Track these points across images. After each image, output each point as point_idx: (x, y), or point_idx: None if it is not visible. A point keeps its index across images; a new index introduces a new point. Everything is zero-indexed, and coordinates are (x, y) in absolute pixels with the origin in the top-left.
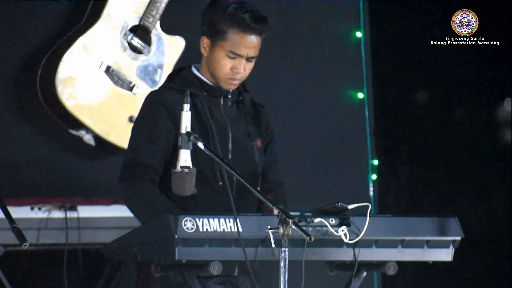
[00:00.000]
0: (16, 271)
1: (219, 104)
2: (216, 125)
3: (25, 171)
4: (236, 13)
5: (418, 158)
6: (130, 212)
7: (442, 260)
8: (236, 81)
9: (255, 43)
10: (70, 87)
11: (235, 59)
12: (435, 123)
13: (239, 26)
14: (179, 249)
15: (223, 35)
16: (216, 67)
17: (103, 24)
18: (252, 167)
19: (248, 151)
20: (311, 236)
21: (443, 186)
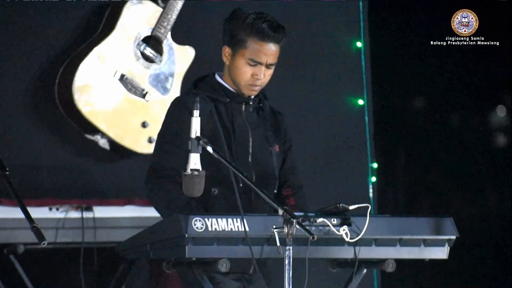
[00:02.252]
0: (35, 268)
1: (241, 110)
2: (238, 129)
3: (44, 173)
4: (255, 22)
5: (415, 161)
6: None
7: (438, 258)
8: (257, 87)
9: (274, 50)
10: (86, 94)
11: (255, 66)
12: (431, 129)
13: (258, 35)
14: (189, 247)
15: (243, 44)
16: (238, 74)
17: (118, 35)
18: (270, 170)
19: (267, 155)
20: (314, 235)
21: (439, 188)
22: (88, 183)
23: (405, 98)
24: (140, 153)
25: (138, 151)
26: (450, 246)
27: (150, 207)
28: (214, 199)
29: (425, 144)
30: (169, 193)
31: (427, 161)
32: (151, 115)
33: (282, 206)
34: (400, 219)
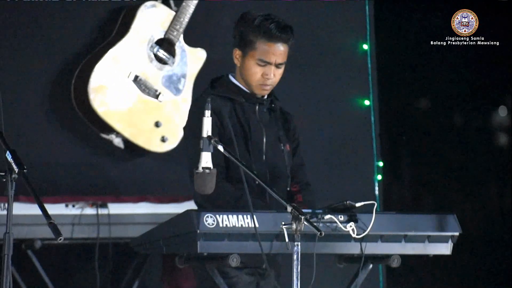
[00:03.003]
0: (51, 263)
1: (255, 110)
2: (253, 129)
3: (60, 171)
4: (263, 24)
5: (419, 160)
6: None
7: (441, 254)
8: (267, 86)
9: (282, 50)
10: (101, 95)
11: (265, 66)
12: (435, 128)
13: (266, 35)
14: (201, 242)
15: (252, 45)
16: (248, 75)
17: (132, 37)
18: (283, 169)
19: (279, 154)
20: (321, 232)
21: (443, 185)
22: (103, 180)
23: (410, 99)
24: (153, 151)
25: (152, 150)
26: (454, 242)
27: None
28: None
29: (429, 143)
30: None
31: (431, 159)
32: (164, 115)
33: (290, 203)
34: (405, 216)
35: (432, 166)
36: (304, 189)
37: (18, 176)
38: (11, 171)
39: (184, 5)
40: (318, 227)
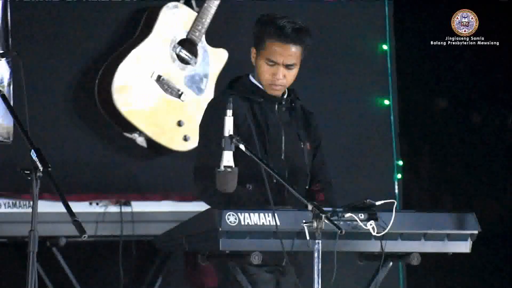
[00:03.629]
0: (76, 260)
1: (274, 110)
2: (272, 128)
3: (84, 170)
4: (275, 24)
5: (439, 159)
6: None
7: (460, 252)
8: (277, 86)
9: (292, 51)
10: (124, 95)
11: (273, 66)
12: (454, 127)
13: (275, 35)
14: (223, 240)
15: (263, 44)
16: (259, 74)
17: (154, 38)
18: (302, 167)
19: (299, 152)
20: (342, 230)
21: (462, 184)
22: (126, 179)
23: (429, 98)
24: (176, 150)
25: (174, 149)
26: (473, 240)
27: (186, 202)
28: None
29: (448, 142)
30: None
31: (450, 158)
32: (186, 114)
33: (311, 202)
34: (424, 215)
35: (451, 165)
36: (325, 188)
37: (43, 174)
38: (36, 170)
39: (206, 6)
40: (339, 225)
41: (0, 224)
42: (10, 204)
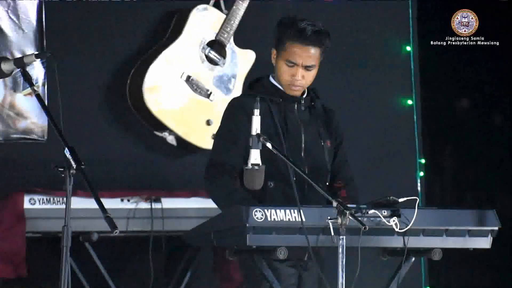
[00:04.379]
0: (107, 254)
1: (294, 109)
2: (291, 127)
3: (116, 167)
4: (295, 26)
5: (460, 157)
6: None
7: (481, 248)
8: (296, 87)
9: (311, 53)
10: (155, 95)
11: (293, 67)
12: (475, 127)
13: (295, 37)
14: (250, 236)
15: (283, 45)
16: (279, 75)
17: (184, 39)
18: (322, 164)
19: (319, 150)
20: (366, 226)
21: (483, 182)
22: (156, 176)
23: (451, 98)
24: (205, 148)
25: (203, 147)
26: (493, 236)
27: None
28: (271, 192)
29: (469, 141)
30: (227, 189)
31: (471, 157)
32: (214, 113)
33: (336, 199)
34: (446, 211)
35: (473, 163)
36: (347, 184)
37: (76, 172)
38: (69, 167)
39: (234, 8)
40: (363, 221)
41: (35, 220)
42: (44, 200)
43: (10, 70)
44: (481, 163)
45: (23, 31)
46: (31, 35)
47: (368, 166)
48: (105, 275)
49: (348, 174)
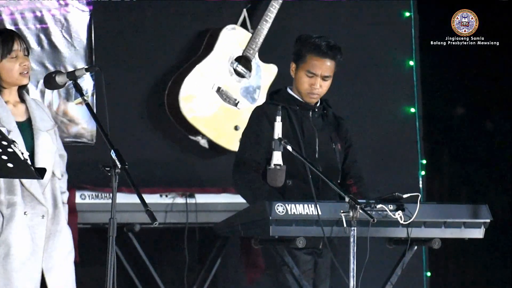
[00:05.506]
0: (148, 244)
1: (309, 116)
2: (307, 132)
3: (155, 167)
4: (314, 42)
5: (457, 158)
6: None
7: (475, 237)
8: (314, 95)
9: (328, 65)
10: (189, 103)
11: (312, 77)
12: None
13: (315, 51)
14: (273, 227)
15: (304, 59)
16: (299, 84)
17: (215, 55)
18: (334, 164)
19: (331, 152)
20: (374, 218)
21: (477, 180)
22: (191, 175)
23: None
24: (233, 151)
25: (231, 149)
26: (486, 228)
27: None
28: (289, 189)
29: (465, 144)
30: (254, 183)
31: (466, 158)
32: (242, 120)
33: (348, 195)
34: (444, 206)
35: (468, 163)
36: (358, 181)
37: (121, 171)
38: (115, 167)
39: (259, 28)
40: (371, 214)
41: (85, 213)
42: (93, 196)
43: (64, 82)
44: (475, 163)
45: (75, 48)
46: (82, 52)
47: (376, 166)
48: (146, 261)
49: (358, 173)
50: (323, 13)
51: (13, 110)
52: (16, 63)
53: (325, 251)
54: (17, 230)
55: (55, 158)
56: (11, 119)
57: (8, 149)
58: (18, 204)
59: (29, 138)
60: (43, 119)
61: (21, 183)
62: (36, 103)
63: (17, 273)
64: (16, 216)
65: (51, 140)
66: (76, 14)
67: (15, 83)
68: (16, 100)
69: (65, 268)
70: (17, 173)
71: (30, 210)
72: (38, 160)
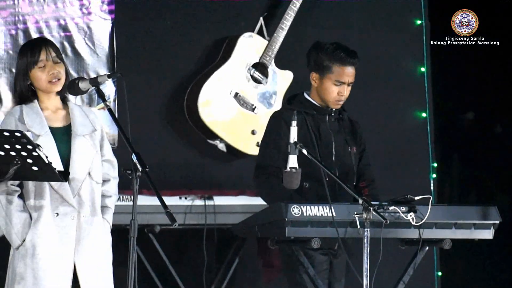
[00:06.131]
0: (168, 244)
1: (325, 120)
2: (323, 135)
3: (175, 170)
4: (335, 52)
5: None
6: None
7: (485, 238)
8: (341, 101)
9: (352, 72)
10: (208, 108)
11: (340, 86)
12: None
13: (340, 61)
14: (289, 228)
15: (329, 69)
16: (327, 94)
17: (233, 62)
18: (349, 167)
19: (347, 155)
20: (387, 220)
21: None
22: (209, 177)
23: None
24: (250, 154)
25: (249, 153)
26: (495, 229)
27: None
28: (306, 191)
29: (474, 147)
30: (275, 187)
31: (476, 161)
32: (258, 124)
33: (361, 197)
34: (455, 208)
35: (477, 166)
36: (370, 184)
37: (142, 174)
38: (136, 170)
39: (275, 36)
40: (384, 216)
41: None
42: None
43: (87, 88)
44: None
45: (97, 55)
46: (104, 59)
47: (389, 169)
48: (166, 261)
49: (371, 176)
50: (336, 22)
51: (50, 116)
52: (44, 72)
53: (340, 251)
54: (43, 231)
55: (95, 162)
56: (44, 124)
57: (33, 153)
58: (45, 206)
59: (66, 142)
60: (84, 124)
61: (50, 186)
62: (80, 109)
63: (44, 272)
64: (42, 217)
65: (89, 145)
66: (98, 23)
67: (46, 91)
68: (57, 107)
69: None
70: (42, 176)
71: (60, 212)
72: (73, 164)
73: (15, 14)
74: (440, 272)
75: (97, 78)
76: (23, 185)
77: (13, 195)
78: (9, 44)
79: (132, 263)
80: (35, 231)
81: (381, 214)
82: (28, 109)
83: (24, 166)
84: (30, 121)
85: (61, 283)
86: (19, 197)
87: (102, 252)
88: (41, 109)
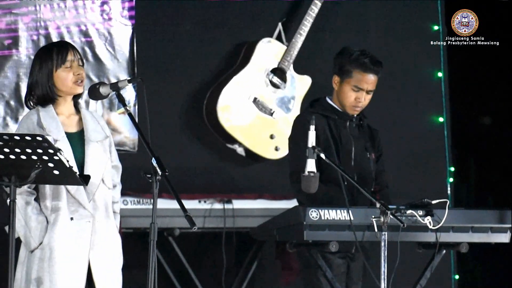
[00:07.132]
0: (188, 247)
1: (346, 125)
2: (344, 140)
3: (194, 174)
4: (359, 58)
5: (483, 166)
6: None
7: (501, 242)
8: (358, 108)
9: (373, 80)
10: (227, 113)
11: (358, 91)
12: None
13: (361, 67)
14: (307, 232)
15: (349, 74)
16: (344, 98)
17: (251, 67)
18: (368, 172)
19: (366, 161)
20: (404, 223)
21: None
22: (228, 181)
23: (476, 116)
24: (269, 158)
25: (267, 157)
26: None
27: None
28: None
29: (491, 152)
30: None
31: (493, 165)
32: (277, 129)
33: (379, 201)
34: (471, 211)
35: (494, 170)
36: (382, 189)
37: (161, 178)
38: (156, 174)
39: (293, 41)
40: (402, 220)
41: (128, 218)
42: (135, 201)
43: (107, 93)
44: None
45: (118, 60)
46: (124, 64)
47: (406, 173)
48: (185, 264)
49: (384, 181)
50: (354, 27)
51: (65, 121)
52: (70, 73)
53: (357, 255)
54: (60, 234)
55: (107, 168)
56: (60, 129)
57: (54, 156)
58: (62, 209)
59: (80, 148)
60: (96, 130)
61: (66, 190)
62: (91, 115)
63: (59, 275)
64: (59, 221)
65: (102, 150)
66: (119, 28)
67: (70, 92)
68: (71, 112)
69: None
70: (63, 180)
71: (75, 216)
72: (88, 169)
73: (36, 20)
74: (457, 275)
75: (118, 83)
76: (39, 188)
77: (30, 198)
78: (31, 49)
79: (152, 267)
80: (52, 234)
81: (398, 218)
82: (44, 113)
83: (45, 170)
84: (47, 125)
85: (76, 286)
86: (35, 200)
87: (116, 255)
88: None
